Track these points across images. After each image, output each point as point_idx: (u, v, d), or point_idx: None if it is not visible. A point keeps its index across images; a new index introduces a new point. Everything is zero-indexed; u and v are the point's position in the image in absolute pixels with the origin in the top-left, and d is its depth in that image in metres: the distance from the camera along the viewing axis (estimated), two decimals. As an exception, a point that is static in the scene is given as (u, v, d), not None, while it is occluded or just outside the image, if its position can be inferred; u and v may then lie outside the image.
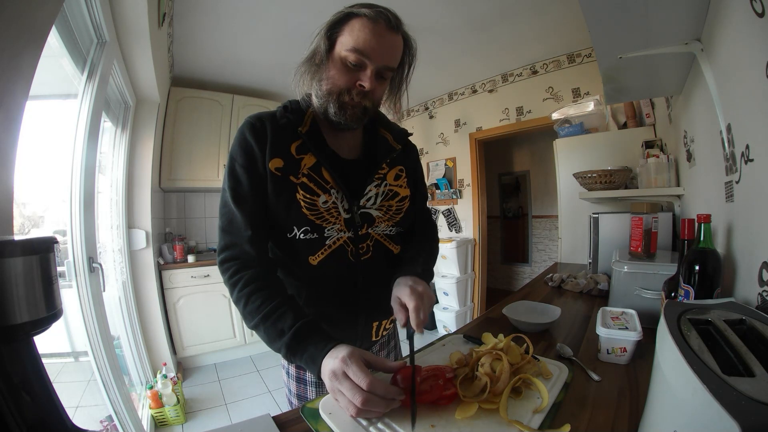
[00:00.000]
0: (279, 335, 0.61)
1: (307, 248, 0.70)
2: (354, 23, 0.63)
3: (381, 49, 0.64)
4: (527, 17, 2.22)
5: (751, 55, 0.65)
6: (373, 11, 0.63)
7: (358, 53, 0.63)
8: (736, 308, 0.46)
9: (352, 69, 0.65)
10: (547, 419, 0.50)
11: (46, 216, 1.43)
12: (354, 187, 0.73)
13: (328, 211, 0.70)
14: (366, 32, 0.62)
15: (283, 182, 0.68)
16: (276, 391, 2.37)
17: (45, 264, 0.42)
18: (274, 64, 2.79)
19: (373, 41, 0.63)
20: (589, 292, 1.31)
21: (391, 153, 0.79)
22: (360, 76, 0.65)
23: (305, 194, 0.68)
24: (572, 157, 2.16)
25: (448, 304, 3.29)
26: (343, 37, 0.64)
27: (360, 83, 0.65)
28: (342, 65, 0.65)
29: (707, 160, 1.05)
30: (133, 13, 1.42)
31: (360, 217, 0.73)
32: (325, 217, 0.70)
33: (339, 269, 0.73)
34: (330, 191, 0.70)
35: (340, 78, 0.65)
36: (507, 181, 4.83)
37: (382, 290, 0.74)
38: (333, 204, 0.70)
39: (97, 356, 1.37)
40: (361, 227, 0.73)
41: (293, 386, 0.81)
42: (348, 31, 0.64)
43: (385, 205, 0.76)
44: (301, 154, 0.70)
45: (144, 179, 2.33)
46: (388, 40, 0.64)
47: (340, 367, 0.52)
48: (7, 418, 0.37)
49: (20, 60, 0.66)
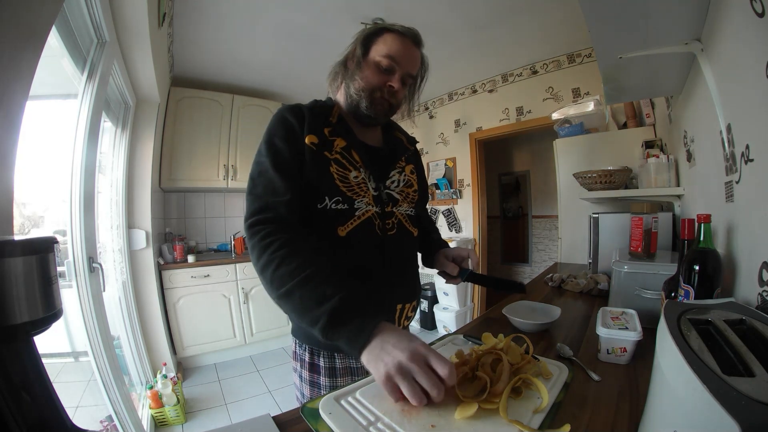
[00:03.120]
0: (320, 301, 0.56)
1: (337, 218, 0.74)
2: (387, 36, 0.77)
3: (408, 58, 0.78)
4: (527, 17, 2.22)
5: (751, 55, 0.65)
6: (403, 28, 0.78)
7: (391, 59, 0.76)
8: (736, 308, 0.46)
9: (383, 72, 0.77)
10: (547, 419, 0.50)
11: (46, 216, 1.43)
12: (379, 170, 0.82)
13: (359, 185, 0.77)
14: (397, 43, 0.76)
15: (318, 156, 0.74)
16: (276, 391, 2.37)
17: (45, 264, 0.43)
18: (275, 64, 2.79)
19: (403, 51, 0.77)
20: (589, 292, 1.31)
21: (407, 152, 0.92)
22: (390, 78, 0.78)
23: (338, 168, 0.76)
24: (572, 157, 2.16)
25: (448, 304, 3.29)
26: (377, 45, 0.77)
27: (390, 83, 0.77)
28: (376, 68, 0.77)
29: (707, 160, 1.05)
30: (133, 13, 1.42)
31: (386, 195, 0.82)
32: (355, 190, 0.76)
33: (367, 241, 0.77)
34: (360, 169, 0.78)
35: (374, 78, 0.77)
36: (507, 181, 4.83)
37: (405, 269, 0.84)
38: (363, 180, 0.78)
39: (97, 356, 1.37)
40: (387, 204, 0.81)
41: (307, 390, 0.80)
42: (382, 42, 0.77)
43: (404, 191, 0.86)
44: (333, 137, 0.78)
45: (144, 179, 2.33)
46: (413, 52, 0.79)
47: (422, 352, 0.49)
48: (7, 418, 0.37)
49: (20, 60, 0.66)
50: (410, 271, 0.87)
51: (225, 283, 2.79)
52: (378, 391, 0.58)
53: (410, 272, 0.87)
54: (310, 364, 0.79)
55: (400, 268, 0.83)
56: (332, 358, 0.79)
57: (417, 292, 0.90)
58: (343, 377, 0.78)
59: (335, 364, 0.79)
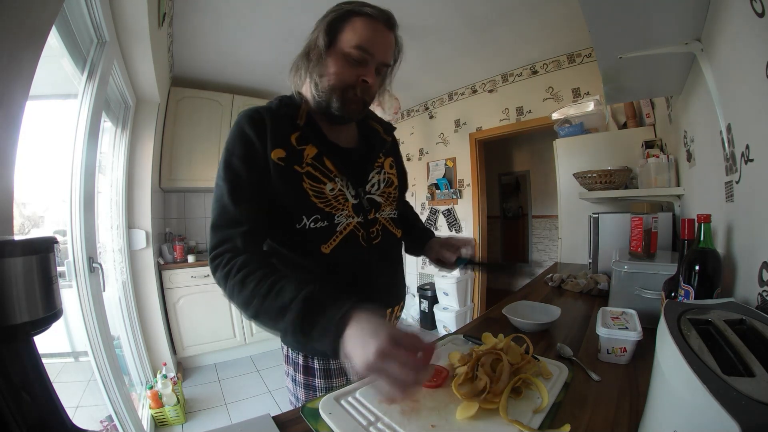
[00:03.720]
0: (281, 314, 0.52)
1: (318, 237, 0.70)
2: (356, 21, 0.66)
3: (381, 46, 0.67)
4: (527, 17, 2.21)
5: (751, 55, 0.65)
6: (374, 10, 0.66)
7: (362, 50, 0.66)
8: (736, 308, 0.46)
9: (354, 65, 0.67)
10: (547, 419, 0.50)
11: (46, 216, 1.43)
12: (357, 175, 0.75)
13: (336, 198, 0.71)
14: (369, 30, 0.66)
15: (287, 172, 0.67)
16: (276, 391, 2.37)
17: (45, 264, 0.43)
18: (274, 64, 2.79)
19: (375, 38, 0.66)
20: (589, 292, 1.31)
21: (385, 145, 0.84)
22: (363, 72, 0.68)
23: (312, 183, 0.69)
24: (572, 157, 2.16)
25: (448, 304, 3.29)
26: (345, 34, 0.66)
27: (363, 78, 0.68)
28: (344, 61, 0.67)
29: (707, 160, 1.05)
30: (133, 13, 1.42)
31: (367, 202, 0.75)
32: (333, 204, 0.71)
33: (352, 255, 0.73)
34: (335, 179, 0.71)
35: (344, 73, 0.67)
36: (507, 181, 4.83)
37: (392, 274, 0.81)
38: (339, 191, 0.72)
39: (97, 356, 1.37)
40: (369, 212, 0.75)
41: (301, 393, 0.78)
42: (350, 29, 0.66)
43: (385, 191, 0.80)
44: (302, 145, 0.70)
45: (144, 179, 2.33)
46: (386, 38, 0.68)
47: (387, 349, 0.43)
48: (7, 418, 0.37)
49: (20, 60, 0.66)
50: (397, 274, 0.84)
51: (225, 283, 2.79)
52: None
53: (397, 275, 0.84)
54: (304, 366, 0.77)
55: (388, 274, 0.81)
56: (326, 361, 0.76)
57: (404, 293, 0.88)
58: (339, 378, 0.76)
59: (330, 365, 0.76)
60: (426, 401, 0.55)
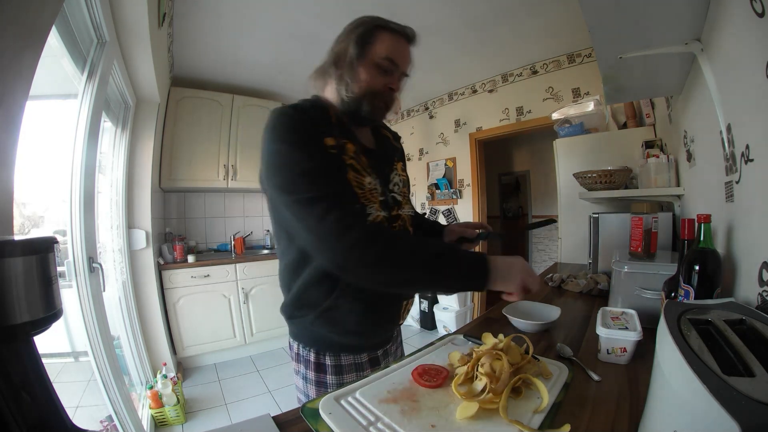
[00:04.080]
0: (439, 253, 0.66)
1: None
2: (384, 36, 0.75)
3: (405, 59, 0.78)
4: (527, 17, 2.22)
5: (751, 55, 0.65)
6: (399, 26, 0.77)
7: (390, 61, 0.75)
8: (736, 308, 0.46)
9: (382, 74, 0.76)
10: (547, 419, 0.50)
11: (46, 216, 1.43)
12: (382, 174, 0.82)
13: (371, 191, 0.77)
14: (396, 44, 0.76)
15: (338, 160, 0.72)
16: (276, 391, 2.37)
17: (45, 264, 0.43)
18: (274, 64, 2.79)
19: (401, 52, 0.76)
20: (589, 292, 1.31)
21: (397, 151, 0.93)
22: (390, 80, 0.77)
23: (355, 174, 0.75)
24: (572, 157, 2.16)
25: (448, 304, 3.29)
26: (375, 46, 0.74)
27: (390, 86, 0.77)
28: (375, 70, 0.75)
29: (707, 160, 1.05)
30: (133, 13, 1.42)
31: (391, 199, 0.82)
32: (367, 197, 0.76)
33: None
34: (371, 175, 0.78)
35: (375, 81, 0.75)
36: (507, 181, 4.83)
37: None
38: (374, 186, 0.78)
39: (97, 356, 1.37)
40: (393, 208, 0.82)
41: (312, 391, 0.80)
42: (380, 42, 0.75)
43: (402, 191, 0.88)
44: (343, 140, 0.75)
45: (144, 179, 2.33)
46: (408, 51, 0.79)
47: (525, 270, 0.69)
48: (7, 418, 0.37)
49: (20, 60, 0.66)
50: None
51: (225, 283, 2.79)
52: (378, 391, 0.58)
53: None
54: (316, 364, 0.79)
55: None
56: (338, 357, 0.79)
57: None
58: (349, 374, 0.79)
59: (341, 361, 0.79)
60: (426, 401, 0.55)
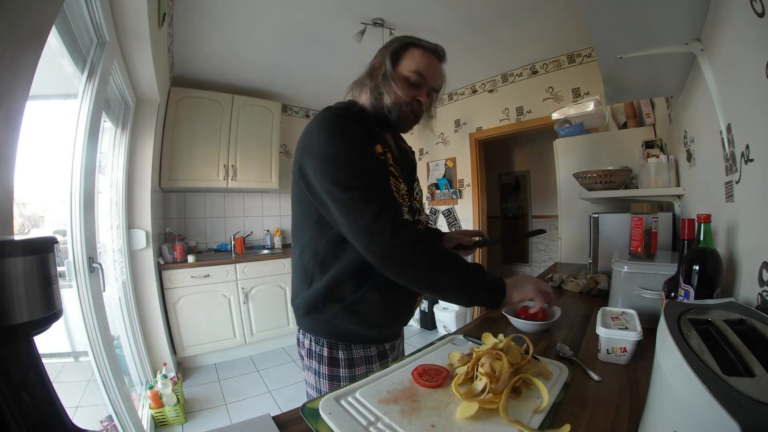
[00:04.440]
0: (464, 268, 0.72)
1: None
2: (415, 51, 0.81)
3: (434, 74, 0.82)
4: (527, 17, 2.22)
5: (751, 55, 0.65)
6: (429, 44, 0.82)
7: (419, 75, 0.80)
8: (736, 308, 0.46)
9: (411, 87, 0.81)
10: (547, 419, 0.50)
11: (46, 216, 1.43)
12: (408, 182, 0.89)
13: (402, 197, 0.84)
14: (425, 60, 0.80)
15: (384, 166, 0.80)
16: (276, 391, 2.37)
17: (45, 264, 0.43)
18: (274, 64, 2.79)
19: (430, 67, 0.81)
20: (589, 292, 1.31)
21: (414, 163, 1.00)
22: (417, 93, 0.82)
23: (394, 180, 0.82)
24: (572, 157, 2.16)
25: (448, 304, 3.29)
26: (406, 60, 0.80)
27: (418, 98, 0.82)
28: (405, 83, 0.81)
29: (707, 160, 1.05)
30: (133, 13, 1.42)
31: (415, 206, 0.90)
32: (401, 202, 0.82)
33: None
34: (405, 182, 0.86)
35: (404, 92, 0.81)
36: (507, 181, 4.83)
37: None
38: (406, 192, 0.85)
39: (97, 356, 1.37)
40: (416, 213, 0.89)
41: (325, 385, 0.82)
42: (410, 57, 0.80)
43: (421, 201, 0.96)
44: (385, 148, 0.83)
45: (144, 179, 2.33)
46: (438, 68, 0.84)
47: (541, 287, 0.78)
48: (7, 418, 0.37)
49: (20, 60, 0.66)
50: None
51: (225, 283, 2.79)
52: (378, 391, 0.58)
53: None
54: (329, 358, 0.81)
55: None
56: (349, 350, 0.82)
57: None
58: (360, 366, 0.83)
59: (353, 354, 0.82)
60: (426, 401, 0.55)
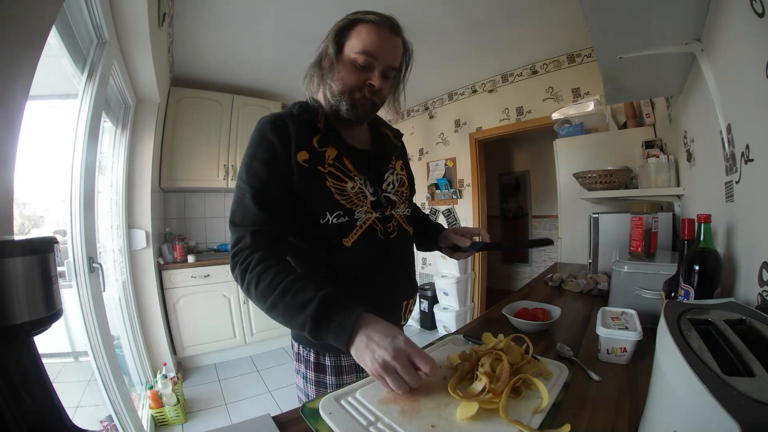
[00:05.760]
0: (301, 308, 0.59)
1: (340, 231, 0.74)
2: (361, 28, 0.70)
3: (386, 50, 0.71)
4: (527, 17, 2.21)
5: (751, 55, 0.65)
6: (377, 17, 0.70)
7: (367, 55, 0.70)
8: (736, 308, 0.46)
9: (361, 69, 0.72)
10: (547, 419, 0.50)
11: (46, 216, 1.43)
12: (373, 174, 0.81)
13: (356, 195, 0.76)
14: (373, 36, 0.70)
15: (312, 173, 0.72)
16: (276, 391, 2.37)
17: (45, 264, 0.43)
18: (274, 65, 2.79)
19: (380, 44, 0.70)
20: (589, 292, 1.31)
21: (396, 149, 0.90)
22: (369, 76, 0.72)
23: (334, 181, 0.74)
24: (572, 157, 2.16)
25: (448, 304, 3.29)
26: (351, 41, 0.71)
27: (370, 82, 0.72)
28: (352, 66, 0.72)
29: (707, 160, 1.05)
30: (133, 13, 1.42)
31: (384, 199, 0.81)
32: (353, 201, 0.76)
33: (372, 248, 0.77)
34: (354, 178, 0.77)
35: (351, 77, 0.72)
36: (507, 181, 4.83)
37: (407, 268, 0.87)
38: (359, 189, 0.77)
39: (97, 356, 1.37)
40: (386, 208, 0.81)
41: (312, 390, 0.80)
42: (355, 36, 0.70)
43: (399, 191, 0.86)
44: (324, 147, 0.75)
45: (144, 179, 2.33)
46: (391, 42, 0.72)
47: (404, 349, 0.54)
48: (7, 418, 0.37)
49: (20, 60, 0.66)
50: (411, 268, 0.90)
51: (225, 283, 2.79)
52: (378, 390, 0.58)
53: (411, 270, 0.90)
54: (316, 364, 0.79)
55: (403, 267, 0.85)
56: (338, 357, 0.79)
57: (416, 288, 0.93)
58: (349, 374, 0.79)
59: (341, 362, 0.79)
60: (426, 401, 0.55)
